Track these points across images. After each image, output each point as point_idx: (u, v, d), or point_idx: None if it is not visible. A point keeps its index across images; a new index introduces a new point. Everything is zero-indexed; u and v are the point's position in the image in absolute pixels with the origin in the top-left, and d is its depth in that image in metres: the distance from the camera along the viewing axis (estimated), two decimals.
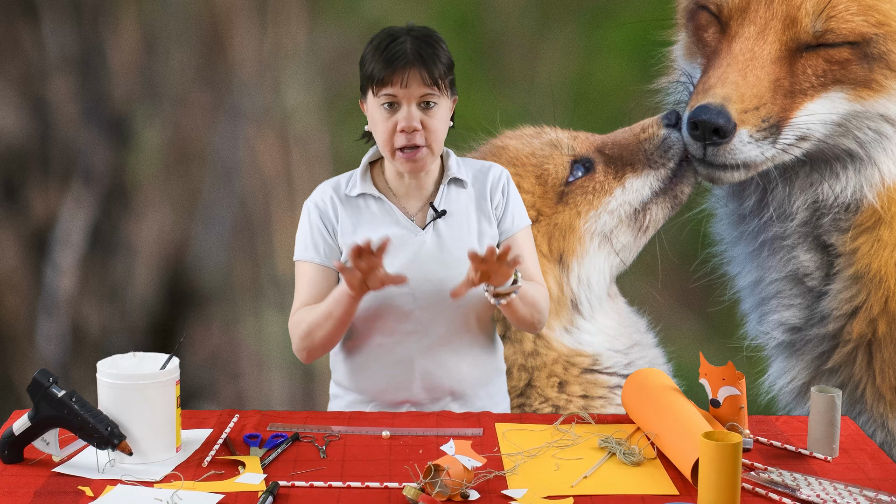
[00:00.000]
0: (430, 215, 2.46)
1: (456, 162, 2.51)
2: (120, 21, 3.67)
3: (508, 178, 2.54)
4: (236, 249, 3.76)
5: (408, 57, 2.36)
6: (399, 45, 2.37)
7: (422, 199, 2.49)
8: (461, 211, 2.48)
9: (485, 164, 2.55)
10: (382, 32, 2.42)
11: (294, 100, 3.69)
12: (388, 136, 2.39)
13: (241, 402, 3.75)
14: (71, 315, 3.74)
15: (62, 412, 2.11)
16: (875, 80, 2.91)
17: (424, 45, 2.38)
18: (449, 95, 2.42)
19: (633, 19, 3.38)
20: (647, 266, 3.18)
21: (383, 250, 2.26)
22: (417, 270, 2.42)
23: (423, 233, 2.45)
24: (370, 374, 2.48)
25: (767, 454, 2.23)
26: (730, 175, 2.99)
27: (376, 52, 2.38)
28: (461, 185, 2.50)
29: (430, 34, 2.41)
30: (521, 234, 2.53)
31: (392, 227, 2.45)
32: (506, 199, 2.52)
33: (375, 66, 2.37)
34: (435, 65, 2.37)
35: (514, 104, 3.43)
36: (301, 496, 2.02)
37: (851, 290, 3.03)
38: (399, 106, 2.37)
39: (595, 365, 3.14)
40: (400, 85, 2.36)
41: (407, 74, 2.36)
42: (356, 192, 2.48)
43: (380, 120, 2.39)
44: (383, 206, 2.47)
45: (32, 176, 3.72)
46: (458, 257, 2.42)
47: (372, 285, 2.29)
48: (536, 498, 2.01)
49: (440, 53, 2.39)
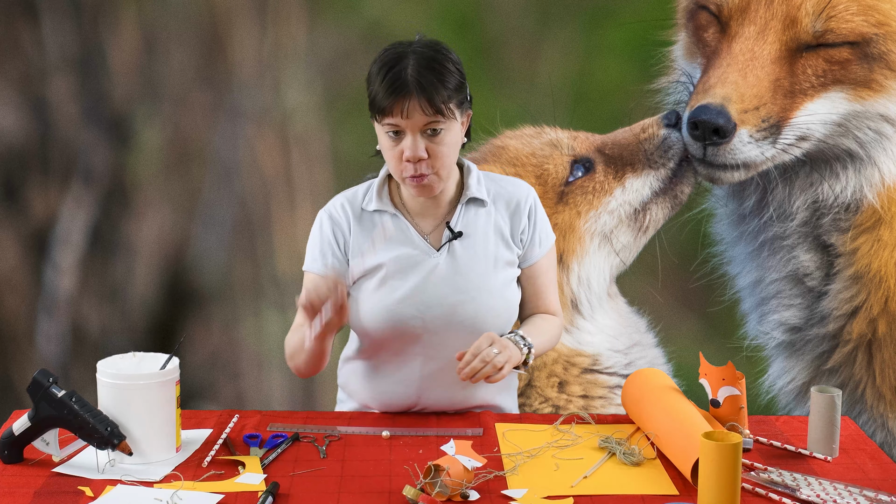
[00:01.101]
0: (446, 236, 2.40)
1: (476, 179, 2.42)
2: (120, 21, 3.67)
3: (536, 200, 2.45)
4: (236, 249, 3.75)
5: (408, 86, 2.24)
6: (400, 70, 2.26)
7: (438, 217, 2.41)
8: (479, 232, 2.40)
9: (509, 181, 2.46)
10: (387, 52, 2.30)
11: (294, 100, 3.69)
12: (395, 163, 2.31)
13: (241, 402, 3.75)
14: (71, 315, 3.74)
15: (62, 412, 2.11)
16: (875, 80, 2.91)
17: (427, 69, 2.26)
18: (458, 117, 2.31)
19: (633, 19, 3.38)
20: (647, 266, 3.18)
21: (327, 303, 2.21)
22: (428, 294, 2.36)
23: (438, 254, 2.38)
24: (375, 390, 2.45)
25: (767, 454, 2.23)
26: (730, 175, 2.99)
27: (378, 76, 2.28)
28: (480, 205, 2.41)
29: (435, 55, 2.29)
30: (545, 261, 2.46)
31: (405, 246, 2.39)
32: (532, 224, 2.44)
33: (377, 93, 2.27)
34: (437, 92, 2.25)
35: (514, 104, 3.43)
36: (301, 496, 2.02)
37: (851, 290, 3.03)
38: (403, 134, 2.28)
39: (595, 365, 3.14)
40: (401, 115, 2.26)
41: (407, 105, 2.25)
42: (372, 207, 2.41)
43: (387, 147, 2.31)
44: (399, 223, 2.40)
45: (32, 176, 3.72)
46: (472, 281, 2.37)
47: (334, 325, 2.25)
48: (536, 498, 2.01)
49: (445, 77, 2.27)
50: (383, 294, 2.38)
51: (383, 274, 2.38)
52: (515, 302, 2.43)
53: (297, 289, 2.43)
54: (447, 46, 2.33)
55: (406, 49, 2.30)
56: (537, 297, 2.48)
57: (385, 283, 2.38)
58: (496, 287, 2.39)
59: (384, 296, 2.37)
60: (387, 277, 2.38)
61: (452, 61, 2.30)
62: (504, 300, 2.40)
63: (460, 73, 2.31)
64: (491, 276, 2.39)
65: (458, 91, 2.30)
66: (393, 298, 2.37)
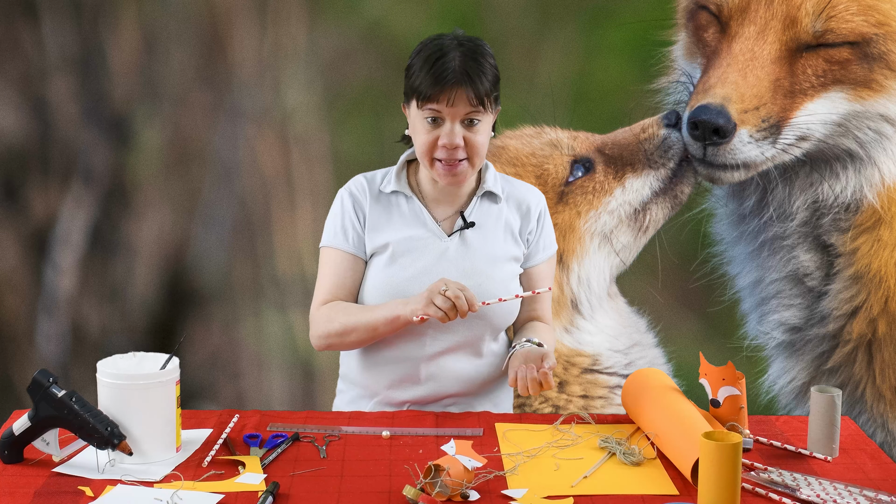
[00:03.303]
0: (458, 224, 2.47)
1: (493, 176, 2.51)
2: (120, 21, 3.67)
3: (545, 208, 2.54)
4: (236, 249, 3.75)
5: (456, 75, 2.33)
6: (448, 61, 2.34)
7: (453, 206, 2.48)
8: (490, 225, 2.48)
9: (524, 186, 2.55)
10: (432, 44, 2.39)
11: (294, 100, 3.69)
12: (428, 147, 2.38)
13: (241, 402, 3.75)
14: (71, 315, 3.74)
15: (62, 412, 2.11)
16: (875, 80, 2.91)
17: (473, 61, 2.35)
18: (493, 110, 2.40)
19: (633, 19, 3.38)
20: (647, 266, 3.18)
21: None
22: (436, 275, 2.42)
23: (448, 240, 2.45)
24: (377, 372, 2.48)
25: (767, 454, 2.23)
26: (730, 175, 2.99)
27: (424, 66, 2.35)
28: (494, 200, 2.50)
29: (478, 49, 2.37)
30: (545, 267, 2.54)
31: (418, 227, 2.46)
32: (540, 228, 2.52)
33: (423, 80, 2.35)
34: (482, 83, 2.34)
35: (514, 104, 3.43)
36: (301, 496, 2.02)
37: (851, 290, 3.03)
38: (443, 121, 2.36)
39: (595, 365, 3.14)
40: (446, 103, 2.34)
41: (454, 93, 2.33)
42: (390, 188, 2.48)
43: (422, 131, 2.38)
44: (413, 206, 2.47)
45: (32, 176, 3.72)
46: (479, 269, 2.44)
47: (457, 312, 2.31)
48: (536, 498, 2.01)
49: (487, 70, 2.36)
50: (394, 271, 2.44)
51: (391, 252, 2.44)
52: None
53: (297, 289, 2.43)
54: (486, 43, 2.42)
55: (449, 42, 2.38)
56: (533, 302, 2.54)
57: (395, 261, 2.44)
58: (501, 278, 2.46)
59: (395, 273, 2.44)
60: (396, 255, 2.44)
61: (491, 57, 2.39)
62: (507, 291, 2.45)
63: (497, 70, 2.40)
64: (497, 267, 2.46)
65: (496, 86, 2.39)
66: (403, 276, 2.43)
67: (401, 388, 2.48)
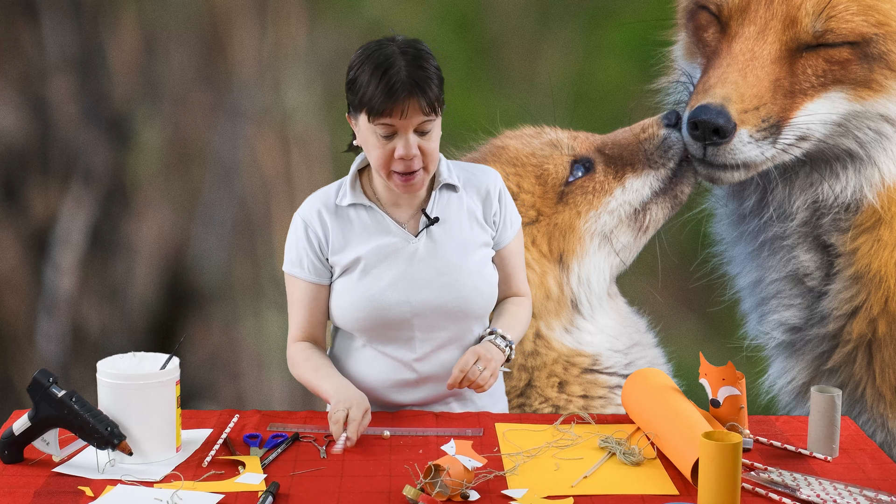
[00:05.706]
0: (423, 222, 2.44)
1: (447, 167, 2.47)
2: (120, 21, 3.67)
3: (503, 185, 2.51)
4: (236, 249, 3.76)
5: (406, 87, 2.28)
6: (396, 73, 2.28)
7: (413, 206, 2.45)
8: (453, 217, 2.46)
9: (477, 168, 2.52)
10: (375, 54, 2.32)
11: (294, 100, 3.69)
12: (384, 161, 2.34)
13: (241, 402, 3.75)
14: (71, 315, 3.74)
15: (62, 412, 2.11)
16: (875, 80, 2.91)
17: (419, 69, 2.29)
18: (441, 112, 2.36)
19: (633, 19, 3.38)
20: (647, 266, 3.18)
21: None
22: (413, 278, 2.41)
23: (416, 240, 2.43)
24: (372, 380, 2.47)
25: (767, 454, 2.23)
26: (730, 175, 2.99)
27: (372, 79, 2.29)
28: (453, 190, 2.47)
29: (420, 54, 2.32)
30: (515, 243, 2.53)
31: (384, 236, 2.43)
32: (503, 206, 2.50)
33: (374, 95, 2.29)
34: (431, 90, 2.29)
35: (514, 104, 3.43)
36: (301, 496, 2.02)
37: (851, 290, 3.02)
38: (395, 134, 2.32)
39: (595, 365, 3.14)
40: (399, 116, 2.29)
41: (407, 105, 2.28)
42: (346, 201, 2.44)
43: (376, 146, 2.33)
44: (374, 215, 2.44)
45: (32, 176, 3.72)
46: (452, 262, 2.43)
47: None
48: (536, 498, 2.01)
49: (433, 75, 2.31)
50: (368, 283, 2.42)
51: (363, 266, 2.42)
52: (494, 280, 2.48)
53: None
54: (425, 43, 2.38)
55: (392, 50, 2.32)
56: (508, 279, 2.54)
57: (368, 273, 2.42)
58: (475, 266, 2.45)
59: (369, 285, 2.41)
60: (368, 267, 2.42)
61: (433, 58, 2.36)
62: (483, 278, 2.45)
63: (440, 70, 2.36)
64: (469, 257, 2.45)
65: (441, 89, 2.35)
66: (378, 286, 2.41)
67: (398, 394, 2.47)
